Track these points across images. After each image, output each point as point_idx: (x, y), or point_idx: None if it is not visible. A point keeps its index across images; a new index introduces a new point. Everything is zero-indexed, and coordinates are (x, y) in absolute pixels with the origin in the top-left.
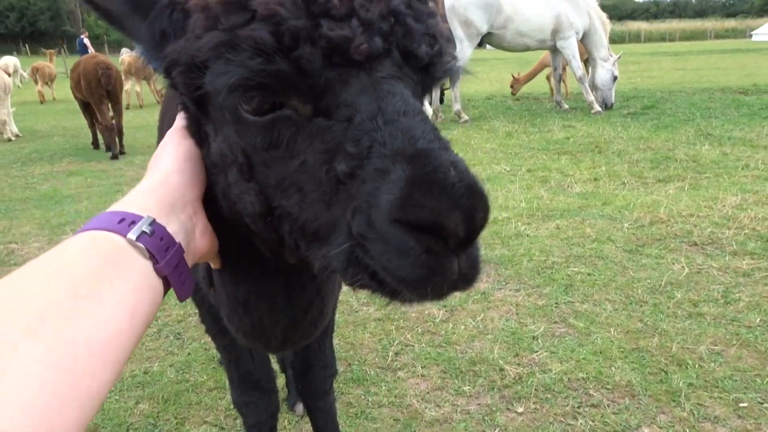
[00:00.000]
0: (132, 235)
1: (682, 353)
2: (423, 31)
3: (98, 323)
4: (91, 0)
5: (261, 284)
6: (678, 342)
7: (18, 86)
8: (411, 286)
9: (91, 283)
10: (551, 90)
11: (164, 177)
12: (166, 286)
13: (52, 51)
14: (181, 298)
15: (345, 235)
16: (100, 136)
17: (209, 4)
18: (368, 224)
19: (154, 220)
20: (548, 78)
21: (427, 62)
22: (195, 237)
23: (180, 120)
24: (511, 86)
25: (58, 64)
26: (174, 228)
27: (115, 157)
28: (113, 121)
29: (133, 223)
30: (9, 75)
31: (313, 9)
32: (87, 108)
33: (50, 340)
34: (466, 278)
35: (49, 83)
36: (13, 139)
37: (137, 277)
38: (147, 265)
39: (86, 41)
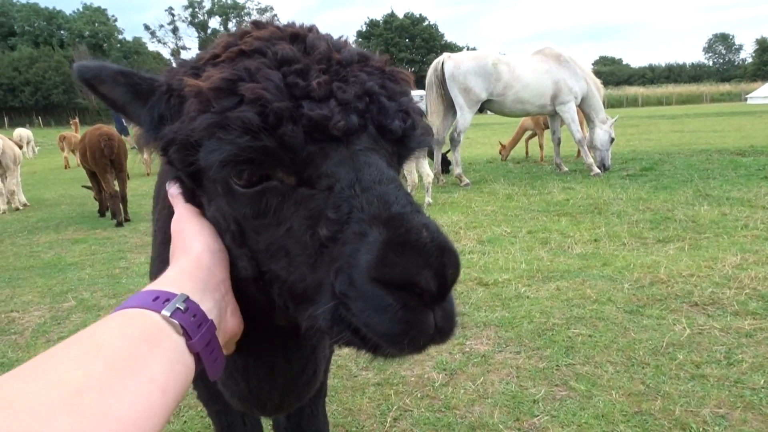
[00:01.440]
0: (166, 311)
1: (685, 416)
2: (396, 108)
3: (132, 398)
4: (99, 92)
5: (261, 348)
6: (681, 405)
7: (29, 158)
8: (390, 340)
9: (127, 359)
10: (527, 152)
11: (196, 257)
12: (198, 362)
13: (76, 120)
14: (212, 376)
15: (329, 295)
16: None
17: (202, 90)
18: (350, 283)
19: (187, 297)
20: (526, 141)
21: (401, 135)
22: (226, 317)
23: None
24: (500, 152)
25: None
26: (207, 306)
27: (119, 224)
28: (117, 190)
29: (168, 300)
30: (21, 147)
31: (294, 92)
32: (94, 177)
33: (84, 414)
34: (443, 331)
35: (74, 151)
36: (21, 208)
37: (171, 353)
38: (180, 342)
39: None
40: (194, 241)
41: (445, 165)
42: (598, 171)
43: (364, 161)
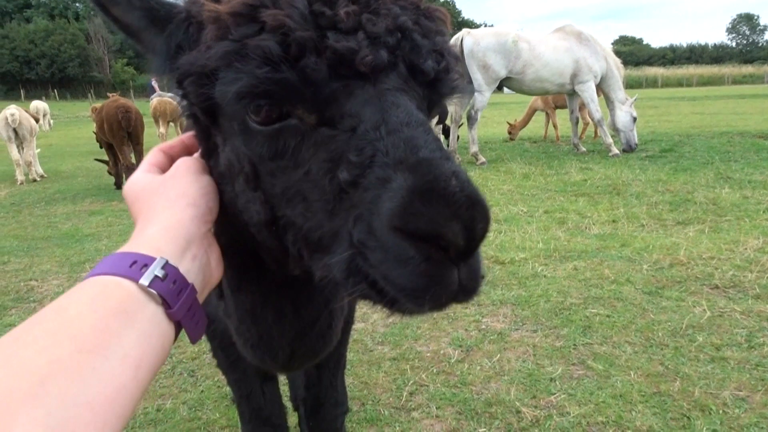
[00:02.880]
0: (144, 280)
1: (705, 398)
2: (430, 47)
3: (102, 381)
4: (111, 14)
5: (267, 294)
6: (701, 387)
7: (45, 130)
8: (410, 296)
9: (97, 338)
10: (555, 131)
11: (179, 212)
12: (178, 328)
13: (114, 93)
14: (194, 340)
15: (346, 244)
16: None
17: (221, 15)
18: (369, 232)
19: (167, 262)
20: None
21: (433, 77)
22: (210, 269)
23: (192, 157)
24: (509, 132)
25: (84, 108)
26: (187, 266)
27: None
28: (134, 162)
29: (146, 266)
30: (38, 120)
31: (320, 21)
32: (110, 149)
33: (50, 404)
34: (466, 290)
35: None
36: (38, 179)
37: (146, 326)
38: (158, 311)
39: (155, 84)
40: (179, 195)
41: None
42: (617, 152)
43: (391, 101)
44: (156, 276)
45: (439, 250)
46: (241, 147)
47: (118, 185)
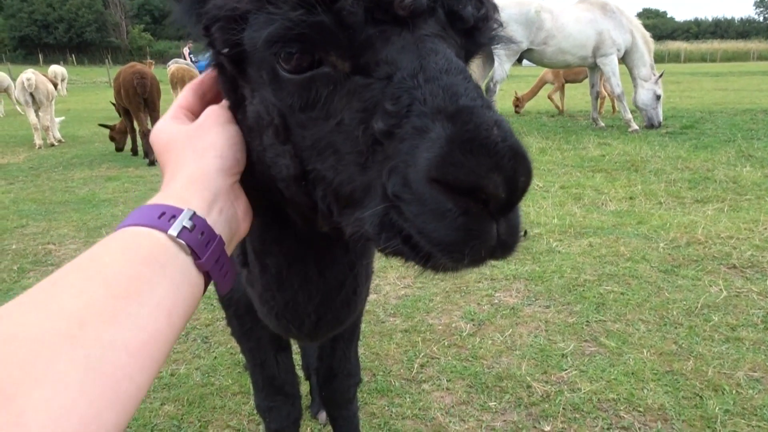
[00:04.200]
0: (173, 231)
1: (718, 378)
2: None
3: (137, 325)
4: None
5: (292, 256)
6: (714, 366)
7: (63, 95)
8: (447, 250)
9: (130, 284)
10: (558, 107)
11: (206, 164)
12: (207, 279)
13: (151, 62)
14: (223, 290)
15: (379, 198)
16: (139, 143)
17: None
18: (404, 184)
19: (194, 213)
20: (550, 97)
21: (472, 25)
22: (238, 221)
23: (219, 105)
24: (515, 105)
25: (101, 74)
26: (214, 218)
27: (152, 163)
28: (150, 128)
29: (174, 217)
30: (56, 84)
31: None
32: (127, 115)
33: (89, 344)
34: (505, 245)
35: None
36: (56, 144)
37: (177, 275)
38: (187, 261)
39: (186, 51)
40: (207, 146)
41: None
42: (636, 127)
43: (430, 48)
44: (184, 227)
45: (478, 203)
46: (270, 97)
47: (135, 151)
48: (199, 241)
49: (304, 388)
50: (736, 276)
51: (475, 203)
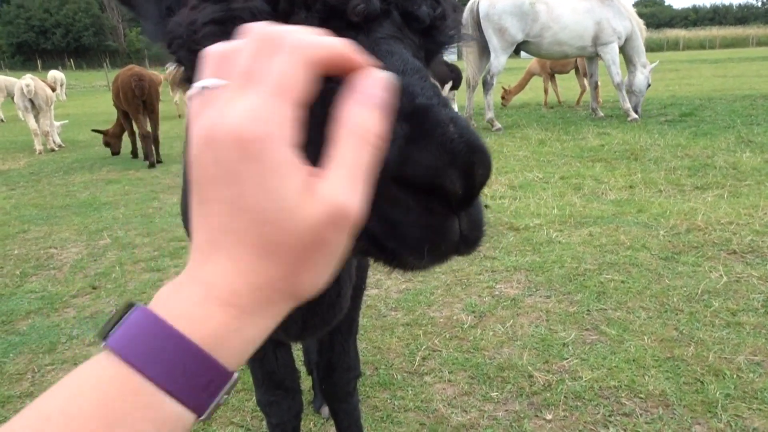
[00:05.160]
0: (206, 413)
1: (719, 363)
2: None
3: None
4: None
5: None
6: (715, 351)
7: (62, 100)
8: (409, 248)
9: None
10: (557, 98)
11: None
12: None
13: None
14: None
15: None
16: (139, 146)
17: None
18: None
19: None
20: (546, 90)
21: (428, 24)
22: None
23: None
24: (503, 98)
25: (100, 77)
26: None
27: (152, 165)
28: (149, 130)
29: (219, 388)
30: (54, 89)
31: None
32: (126, 118)
33: None
34: (468, 240)
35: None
36: (56, 149)
37: None
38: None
39: None
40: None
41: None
42: (636, 116)
43: (385, 50)
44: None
45: (438, 199)
46: None
47: (135, 154)
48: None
49: (307, 383)
50: (736, 261)
51: (435, 200)
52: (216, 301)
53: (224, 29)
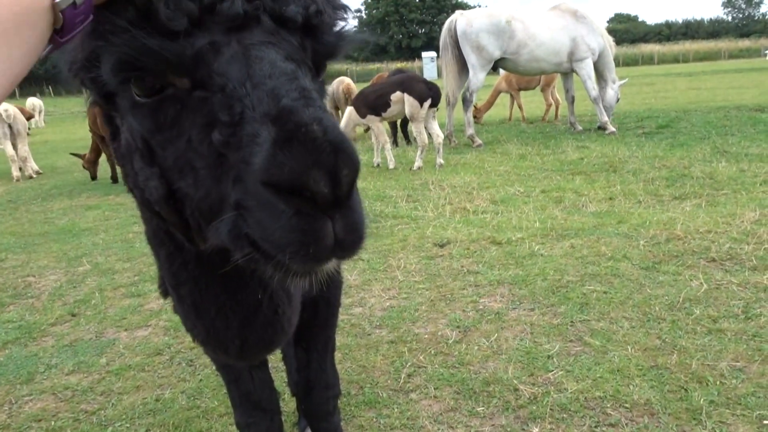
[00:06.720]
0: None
1: (702, 370)
2: None
3: None
4: None
5: (203, 281)
6: (698, 359)
7: (41, 127)
8: (284, 251)
9: None
10: (521, 114)
11: None
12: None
13: None
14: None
15: (230, 207)
16: (118, 171)
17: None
18: (244, 191)
19: None
20: (520, 105)
21: (303, 23)
22: None
23: None
24: (474, 116)
25: (78, 103)
26: None
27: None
28: None
29: None
30: (32, 116)
31: None
32: (104, 143)
33: None
34: (344, 244)
35: None
36: (34, 176)
37: (35, 46)
38: (46, 33)
39: None
40: None
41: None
42: (613, 129)
43: (255, 56)
44: (74, 1)
45: (307, 201)
46: (132, 123)
47: (114, 179)
48: (74, 20)
49: (291, 405)
50: (715, 269)
51: (304, 202)
52: None
53: (109, 43)
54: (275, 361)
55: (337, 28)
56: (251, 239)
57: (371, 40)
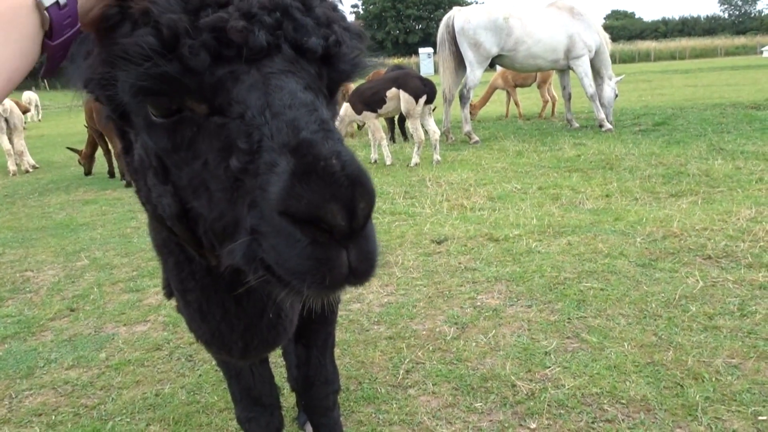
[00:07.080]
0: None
1: (698, 367)
2: (313, 23)
3: None
4: None
5: (210, 289)
6: (694, 355)
7: (37, 120)
8: (299, 278)
9: None
10: (518, 111)
11: None
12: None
13: None
14: (47, 73)
15: (246, 231)
16: (116, 165)
17: (94, 21)
18: (261, 218)
19: None
20: (516, 102)
21: (322, 54)
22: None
23: None
24: (470, 113)
25: (75, 97)
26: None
27: (129, 184)
28: None
29: None
30: (28, 110)
31: (189, 4)
32: (101, 137)
33: None
34: (357, 272)
35: None
36: (31, 170)
37: (27, 46)
38: (39, 35)
39: None
40: None
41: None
42: (610, 127)
43: (275, 85)
44: (57, 1)
45: (323, 232)
46: (147, 141)
47: (111, 174)
48: (62, 22)
49: (291, 400)
50: (711, 266)
51: (320, 232)
52: None
53: (122, 66)
54: (275, 357)
55: (353, 56)
56: (266, 264)
57: (384, 64)
